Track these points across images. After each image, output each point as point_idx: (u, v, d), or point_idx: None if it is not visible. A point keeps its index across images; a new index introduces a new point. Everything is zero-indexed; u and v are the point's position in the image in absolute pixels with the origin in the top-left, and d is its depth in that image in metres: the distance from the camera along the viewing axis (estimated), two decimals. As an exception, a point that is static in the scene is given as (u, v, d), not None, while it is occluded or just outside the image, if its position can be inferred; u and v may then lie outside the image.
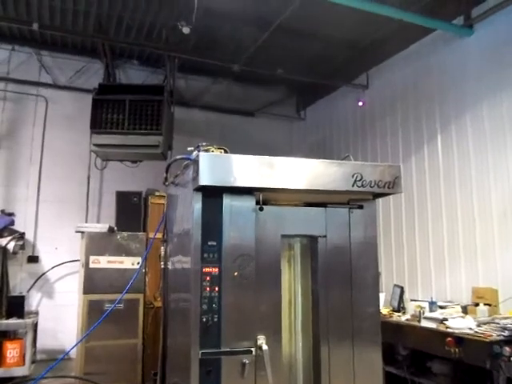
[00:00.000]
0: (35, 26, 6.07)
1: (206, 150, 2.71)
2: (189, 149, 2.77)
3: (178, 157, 2.92)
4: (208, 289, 2.56)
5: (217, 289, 2.58)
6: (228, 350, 2.56)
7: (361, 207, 3.00)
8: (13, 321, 5.54)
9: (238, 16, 6.47)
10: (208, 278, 2.57)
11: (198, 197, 2.61)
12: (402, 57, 6.99)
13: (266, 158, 2.69)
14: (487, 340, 4.07)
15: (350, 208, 2.98)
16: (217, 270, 2.59)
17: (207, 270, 2.58)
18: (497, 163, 5.40)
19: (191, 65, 7.95)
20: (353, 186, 2.82)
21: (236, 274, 2.62)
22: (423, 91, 6.57)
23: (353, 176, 2.83)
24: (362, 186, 2.84)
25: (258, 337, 2.63)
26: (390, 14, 5.57)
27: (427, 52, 6.51)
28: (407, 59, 6.88)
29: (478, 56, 5.76)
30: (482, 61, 5.69)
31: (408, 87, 6.85)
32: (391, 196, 3.22)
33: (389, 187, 2.93)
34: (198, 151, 2.64)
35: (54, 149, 7.63)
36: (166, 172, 3.32)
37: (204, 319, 2.53)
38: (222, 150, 2.79)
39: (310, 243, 2.97)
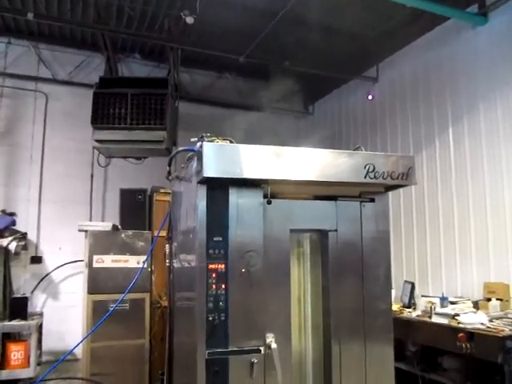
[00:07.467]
0: (30, 16, 5.82)
1: (211, 141, 2.58)
2: (192, 140, 2.64)
3: (181, 148, 2.82)
4: (214, 286, 2.45)
5: (223, 286, 2.47)
6: (236, 349, 2.46)
7: (372, 200, 2.90)
8: (16, 322, 5.42)
9: (242, 5, 6.29)
10: (214, 275, 2.46)
11: (203, 190, 2.50)
12: (412, 48, 6.86)
13: (274, 147, 2.58)
14: (500, 335, 4.08)
15: (362, 201, 2.87)
16: (223, 266, 2.48)
17: (213, 266, 2.47)
18: (510, 155, 5.27)
19: (196, 58, 7.80)
20: (365, 177, 2.70)
21: (243, 270, 2.51)
22: (434, 83, 6.43)
23: (365, 167, 2.71)
24: (375, 177, 2.72)
25: (267, 335, 2.54)
26: (402, 0, 5.37)
27: (438, 43, 6.38)
28: (418, 50, 6.75)
29: (490, 46, 5.63)
30: (495, 50, 5.55)
31: (419, 79, 6.73)
32: (401, 189, 3.08)
33: (402, 179, 2.82)
34: (202, 142, 2.51)
35: (56, 146, 7.48)
36: (169, 165, 3.21)
37: (210, 318, 2.43)
38: (228, 141, 2.67)
39: (320, 238, 2.87)
